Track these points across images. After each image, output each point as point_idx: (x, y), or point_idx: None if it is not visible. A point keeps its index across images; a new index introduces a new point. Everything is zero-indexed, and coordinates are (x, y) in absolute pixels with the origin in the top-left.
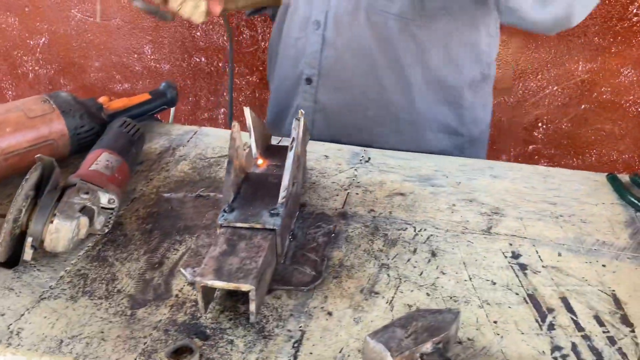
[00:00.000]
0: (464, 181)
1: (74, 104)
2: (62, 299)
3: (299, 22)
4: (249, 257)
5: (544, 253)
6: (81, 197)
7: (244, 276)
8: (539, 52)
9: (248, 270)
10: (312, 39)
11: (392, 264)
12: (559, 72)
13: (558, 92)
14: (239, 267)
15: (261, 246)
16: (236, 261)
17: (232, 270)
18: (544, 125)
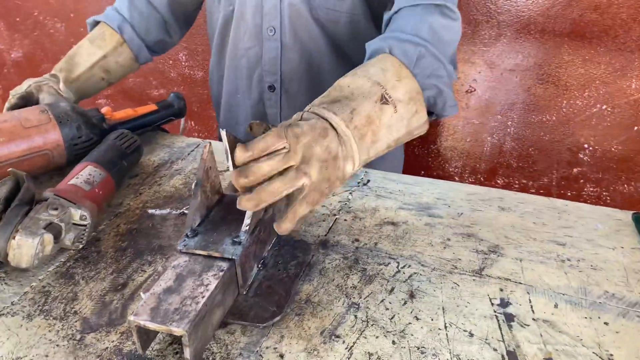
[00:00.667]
0: (466, 212)
1: (72, 115)
2: (19, 316)
3: (249, 32)
4: (192, 297)
5: (537, 303)
6: (49, 212)
7: (179, 319)
8: (586, 67)
9: (185, 312)
10: (269, 45)
11: (362, 304)
12: (609, 89)
13: (607, 112)
14: (178, 307)
15: (209, 284)
16: (177, 300)
17: (169, 311)
18: (591, 147)
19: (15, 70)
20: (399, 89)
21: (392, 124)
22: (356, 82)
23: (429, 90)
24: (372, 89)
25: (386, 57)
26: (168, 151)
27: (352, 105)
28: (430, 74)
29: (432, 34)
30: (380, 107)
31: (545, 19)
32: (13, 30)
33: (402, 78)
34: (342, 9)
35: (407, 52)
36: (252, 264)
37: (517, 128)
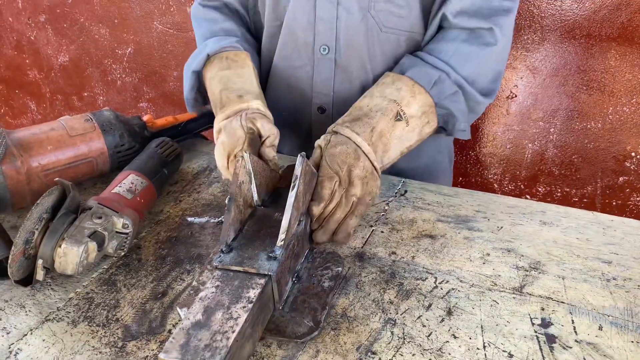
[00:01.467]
0: (506, 226)
1: (115, 123)
2: (64, 322)
3: (300, 50)
4: (222, 332)
5: (581, 324)
6: (94, 221)
7: (210, 356)
8: (634, 73)
9: (216, 349)
10: (322, 64)
11: (399, 320)
12: None
13: None
14: (208, 343)
15: (239, 317)
16: (206, 336)
17: (200, 347)
18: (638, 155)
19: (61, 74)
20: (412, 105)
21: (403, 135)
22: (374, 101)
23: (442, 109)
24: (389, 106)
25: (400, 78)
26: (207, 158)
27: (372, 123)
28: (445, 97)
29: (462, 62)
30: (393, 123)
31: (591, 23)
32: (60, 35)
33: (415, 94)
34: (404, 27)
35: (426, 75)
36: (287, 279)
37: (560, 135)
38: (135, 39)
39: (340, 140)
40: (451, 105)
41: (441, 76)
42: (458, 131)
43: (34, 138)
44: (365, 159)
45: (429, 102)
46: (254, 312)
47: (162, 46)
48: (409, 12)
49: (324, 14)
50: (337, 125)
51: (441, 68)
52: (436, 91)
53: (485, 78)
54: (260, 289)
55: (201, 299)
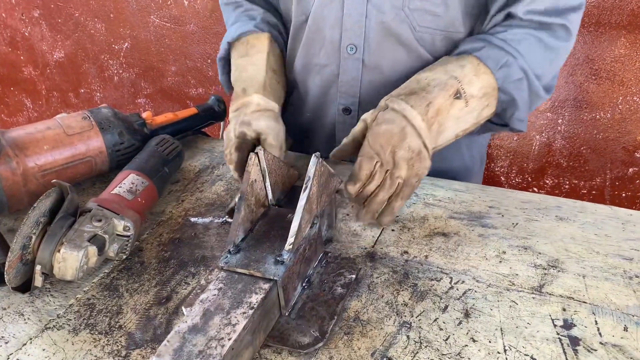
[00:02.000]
0: (521, 222)
1: (113, 121)
2: (64, 330)
3: (325, 48)
4: (218, 339)
5: (605, 325)
6: (93, 224)
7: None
8: None
9: (209, 356)
10: (348, 64)
11: (415, 323)
12: None
13: None
14: (202, 349)
15: (237, 324)
16: (201, 342)
17: (193, 354)
18: None
19: (57, 70)
20: (474, 84)
21: (461, 116)
22: (433, 75)
23: (504, 95)
24: (449, 81)
25: (465, 56)
26: (209, 156)
27: (429, 98)
28: (510, 82)
29: (532, 51)
30: (452, 101)
31: (601, 10)
32: (55, 31)
33: (479, 74)
34: (439, 27)
35: (494, 56)
36: (295, 284)
37: (568, 126)
38: (132, 33)
39: (387, 117)
40: (515, 92)
41: (509, 60)
42: (516, 120)
43: (29, 137)
44: (413, 137)
45: (492, 84)
46: (254, 319)
47: (159, 40)
48: (445, 10)
49: (352, 10)
50: (390, 97)
51: (508, 51)
52: (502, 74)
53: (550, 74)
54: (263, 294)
55: (202, 301)
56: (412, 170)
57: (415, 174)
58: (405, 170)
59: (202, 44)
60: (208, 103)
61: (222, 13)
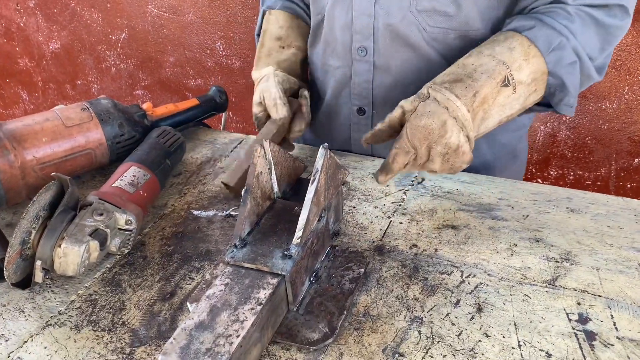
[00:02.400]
0: (532, 214)
1: (113, 112)
2: (66, 327)
3: (337, 50)
4: (225, 336)
5: (621, 319)
6: (95, 218)
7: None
8: None
9: (218, 354)
10: (360, 67)
11: (426, 318)
12: None
13: None
14: (210, 347)
15: (245, 320)
16: (209, 339)
17: (200, 352)
18: None
19: (53, 62)
20: (524, 69)
21: (507, 103)
22: (481, 60)
23: (554, 79)
24: (497, 67)
25: (514, 36)
26: (211, 148)
27: (476, 87)
28: (562, 66)
29: (585, 30)
30: (499, 88)
31: None
32: (51, 21)
33: (529, 58)
34: (452, 26)
35: (546, 37)
36: (303, 279)
37: (573, 116)
38: (130, 23)
39: (428, 110)
40: (566, 77)
41: (562, 41)
42: (564, 106)
43: (27, 129)
44: (454, 132)
45: (542, 68)
46: (262, 315)
47: (157, 31)
48: (457, 9)
49: (360, 12)
50: (434, 85)
51: (561, 32)
52: (554, 57)
53: (603, 54)
54: (272, 289)
55: (208, 297)
56: (447, 164)
57: (450, 167)
58: (439, 165)
59: (201, 34)
60: (209, 94)
61: None
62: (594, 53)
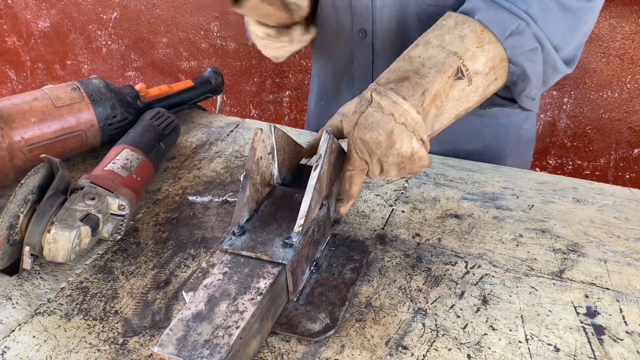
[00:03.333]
0: (538, 204)
1: (105, 92)
2: (56, 315)
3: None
4: (224, 327)
5: (630, 313)
6: (86, 203)
7: (209, 354)
8: None
9: (217, 346)
10: (360, 51)
11: (430, 310)
12: None
13: None
14: (208, 339)
15: (245, 311)
16: (207, 330)
17: (199, 343)
18: None
19: (42, 40)
20: (478, 58)
21: (463, 96)
22: (429, 51)
23: (514, 66)
24: (447, 60)
25: (466, 21)
26: (206, 131)
27: (424, 84)
28: (522, 53)
29: (547, 15)
30: (452, 82)
31: None
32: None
33: (484, 44)
34: (448, 3)
35: (501, 21)
36: (304, 268)
37: (574, 105)
38: (122, 2)
39: (371, 122)
40: (527, 64)
41: (520, 25)
42: (525, 98)
43: (15, 109)
44: (404, 140)
45: (500, 54)
46: (263, 305)
47: (150, 10)
48: None
49: None
50: (379, 87)
51: (519, 15)
52: (512, 43)
53: (571, 43)
54: (272, 279)
55: (206, 286)
56: (404, 171)
57: (409, 173)
58: (395, 173)
59: (194, 14)
60: (204, 75)
61: None
62: (559, 41)
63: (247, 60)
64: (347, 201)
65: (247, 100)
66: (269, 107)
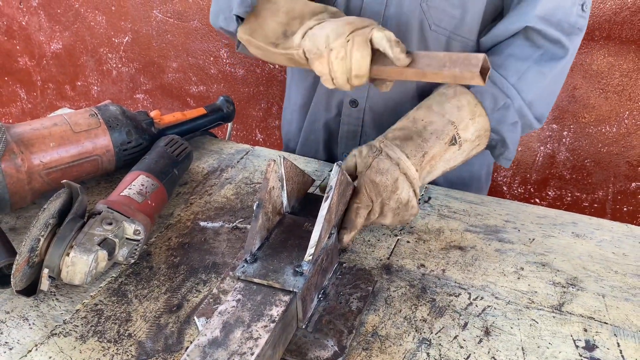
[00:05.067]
0: (538, 238)
1: (121, 119)
2: (72, 336)
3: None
4: (240, 353)
5: (627, 347)
6: (104, 227)
7: None
8: None
9: None
10: None
11: (434, 340)
12: None
13: None
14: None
15: (259, 338)
16: (224, 356)
17: None
18: None
19: (54, 62)
20: (470, 128)
21: (452, 158)
22: (430, 117)
23: (496, 134)
24: (446, 128)
25: (463, 93)
26: (217, 158)
27: (425, 147)
28: (505, 125)
29: (529, 85)
30: (447, 147)
31: (612, 25)
32: (54, 21)
33: (475, 117)
34: (456, 30)
35: (493, 97)
36: (312, 296)
37: (573, 138)
38: (133, 27)
39: (382, 167)
40: (507, 135)
41: (506, 102)
42: (503, 159)
43: (35, 134)
44: (405, 188)
45: (486, 126)
46: (275, 332)
47: (161, 36)
48: (462, 14)
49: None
50: (386, 141)
51: (507, 93)
52: (497, 116)
53: (544, 102)
54: (284, 307)
55: (220, 313)
56: (397, 217)
57: (399, 221)
58: (390, 219)
59: (205, 41)
60: (217, 103)
61: None
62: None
63: (254, 86)
64: (350, 231)
65: (254, 125)
66: (274, 132)
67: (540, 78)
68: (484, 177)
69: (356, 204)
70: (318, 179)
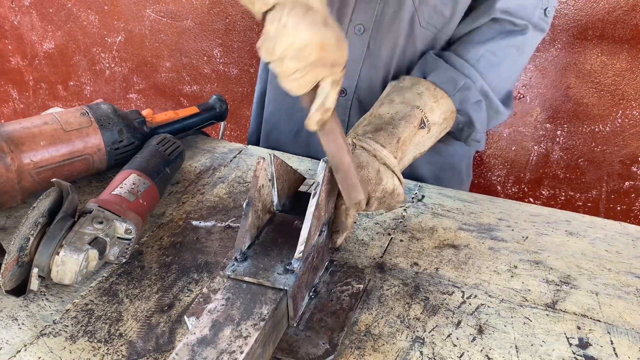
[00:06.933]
0: (532, 236)
1: (113, 118)
2: (61, 337)
3: None
4: (229, 352)
5: (621, 345)
6: (94, 226)
7: None
8: None
9: None
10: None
11: (428, 339)
12: None
13: None
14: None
15: (248, 336)
16: (213, 355)
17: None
18: None
19: (46, 62)
20: (435, 111)
21: (421, 142)
22: (395, 107)
23: (462, 116)
24: (413, 112)
25: (419, 81)
26: (210, 157)
27: (397, 133)
28: (469, 104)
29: (489, 67)
30: (416, 131)
31: (605, 24)
32: (46, 21)
33: (438, 99)
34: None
35: (451, 79)
36: (303, 294)
37: (567, 138)
38: (126, 27)
39: (361, 161)
40: (473, 114)
41: (466, 82)
42: (472, 141)
43: (25, 132)
44: (388, 178)
45: (451, 107)
46: (265, 330)
47: (154, 35)
48: (452, 13)
49: None
50: (358, 137)
51: (467, 74)
52: (460, 97)
53: (505, 86)
54: (274, 305)
55: (210, 311)
56: (383, 205)
57: (386, 208)
58: (375, 206)
59: (198, 40)
60: (209, 102)
61: None
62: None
63: (248, 86)
64: (342, 232)
65: (247, 125)
66: None
67: (500, 57)
68: (464, 170)
69: (344, 205)
70: (311, 177)
